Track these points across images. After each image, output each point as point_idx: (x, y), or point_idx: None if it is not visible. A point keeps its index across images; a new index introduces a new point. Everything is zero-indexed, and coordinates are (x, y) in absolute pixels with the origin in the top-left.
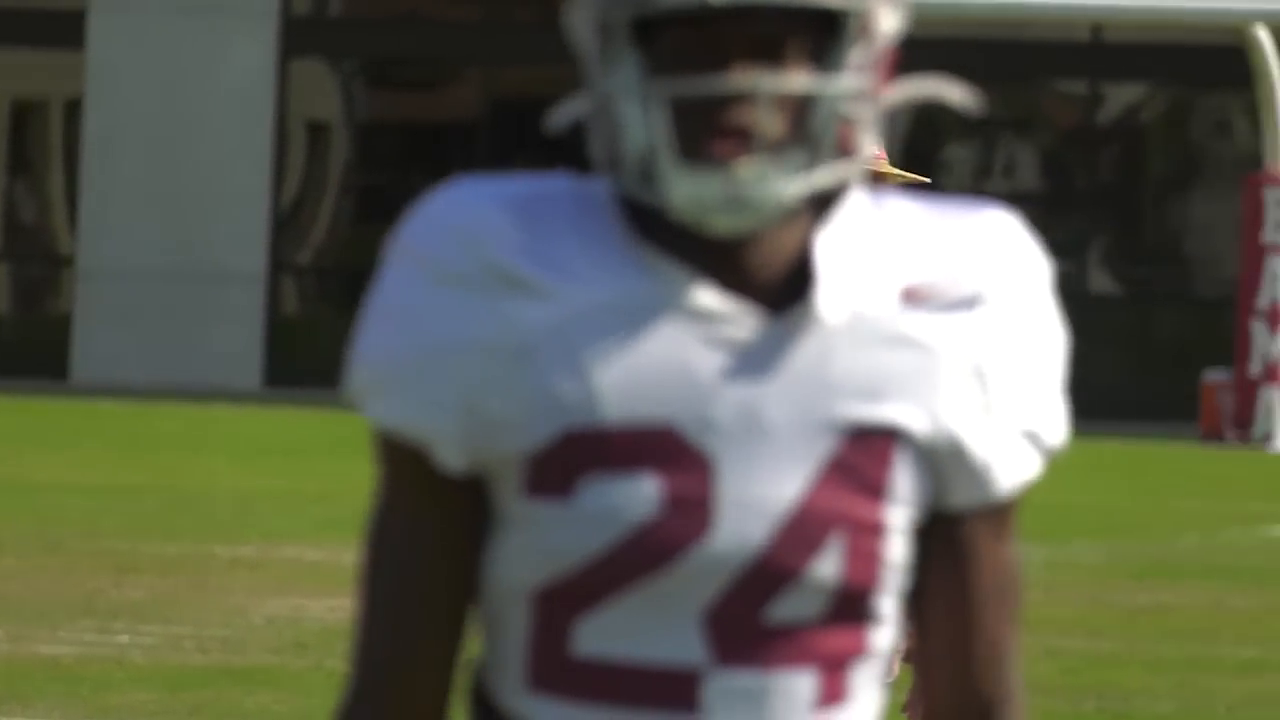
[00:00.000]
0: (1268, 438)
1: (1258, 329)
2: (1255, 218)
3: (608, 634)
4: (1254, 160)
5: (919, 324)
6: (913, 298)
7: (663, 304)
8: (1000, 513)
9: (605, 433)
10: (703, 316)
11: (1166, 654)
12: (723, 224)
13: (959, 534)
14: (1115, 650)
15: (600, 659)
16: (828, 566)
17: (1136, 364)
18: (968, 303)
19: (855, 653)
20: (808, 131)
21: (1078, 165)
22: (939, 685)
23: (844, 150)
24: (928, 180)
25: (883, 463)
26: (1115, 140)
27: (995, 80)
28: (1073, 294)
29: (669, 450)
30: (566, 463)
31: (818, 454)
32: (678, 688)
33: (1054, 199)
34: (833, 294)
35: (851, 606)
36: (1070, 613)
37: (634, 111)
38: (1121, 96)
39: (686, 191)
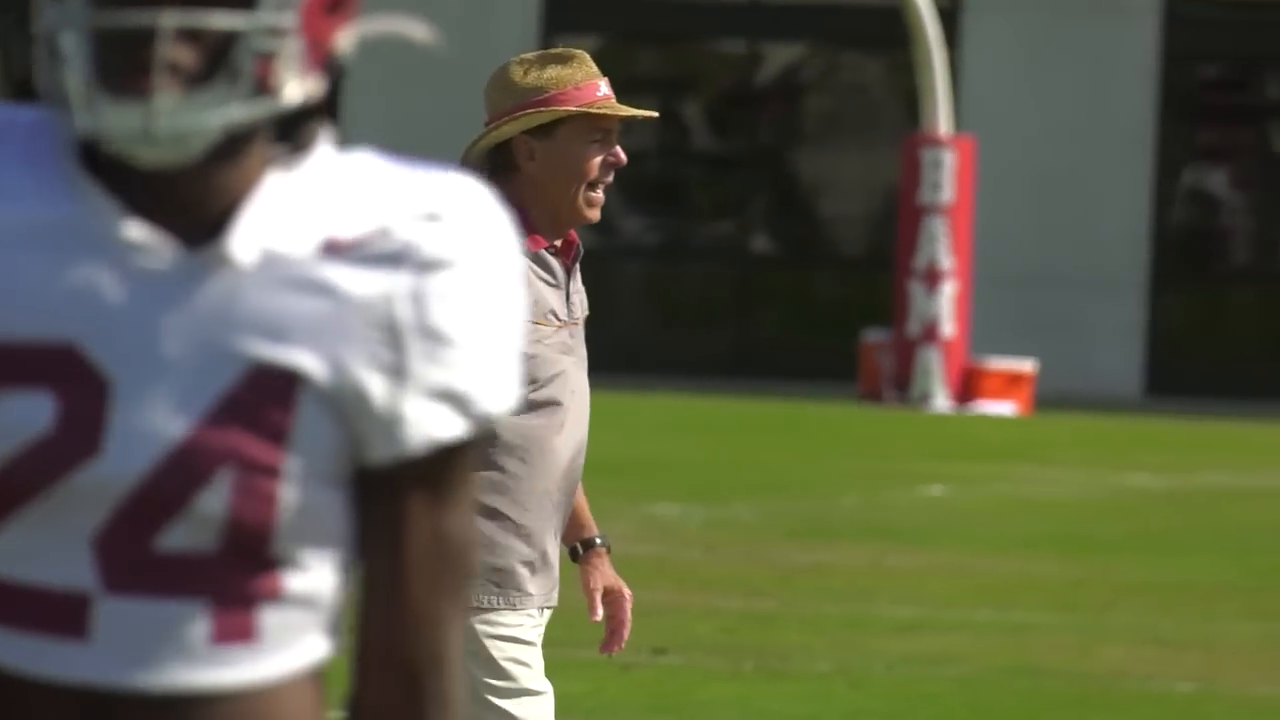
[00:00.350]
0: (926, 398)
1: (916, 290)
2: (912, 179)
3: (10, 554)
4: (911, 121)
5: (334, 273)
6: (334, 248)
7: (84, 230)
8: (434, 477)
9: (11, 347)
10: (122, 245)
11: (825, 613)
12: (145, 156)
13: (385, 493)
14: (774, 609)
15: (5, 580)
16: (214, 501)
17: (796, 324)
18: (392, 259)
19: (264, 594)
20: (225, 66)
21: (737, 125)
22: (367, 642)
23: (265, 87)
24: (655, 114)
25: (282, 405)
26: (774, 100)
27: (655, 40)
28: (734, 255)
29: (69, 371)
30: None
31: (215, 389)
32: (68, 612)
33: (714, 159)
34: (247, 234)
35: (248, 546)
36: (728, 572)
37: (69, 43)
38: (780, 57)
39: (107, 123)
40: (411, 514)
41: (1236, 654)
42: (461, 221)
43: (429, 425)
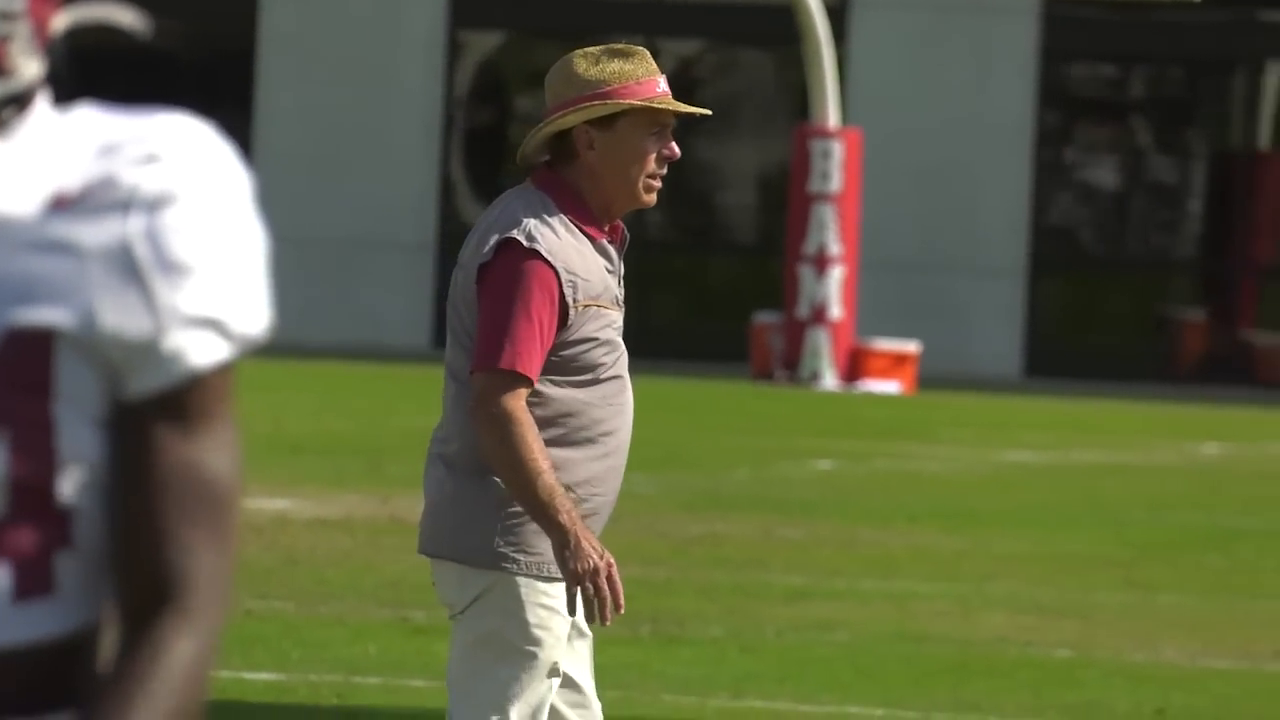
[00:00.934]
0: (815, 377)
1: (805, 273)
2: (803, 168)
3: None
4: (801, 113)
5: (67, 227)
6: (63, 202)
7: None
8: (183, 406)
9: None
10: None
11: (718, 581)
12: None
13: (135, 421)
14: (669, 578)
15: None
16: None
17: (691, 307)
18: (120, 205)
19: (55, 546)
20: None
21: None
22: (117, 561)
23: (2, 68)
24: (708, 112)
25: (42, 361)
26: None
27: (557, 35)
28: (631, 240)
29: None
30: None
31: None
32: None
33: None
34: None
35: (34, 501)
36: (625, 542)
37: None
38: (676, 52)
39: None
40: (161, 443)
41: (1110, 622)
42: (181, 157)
43: (190, 354)
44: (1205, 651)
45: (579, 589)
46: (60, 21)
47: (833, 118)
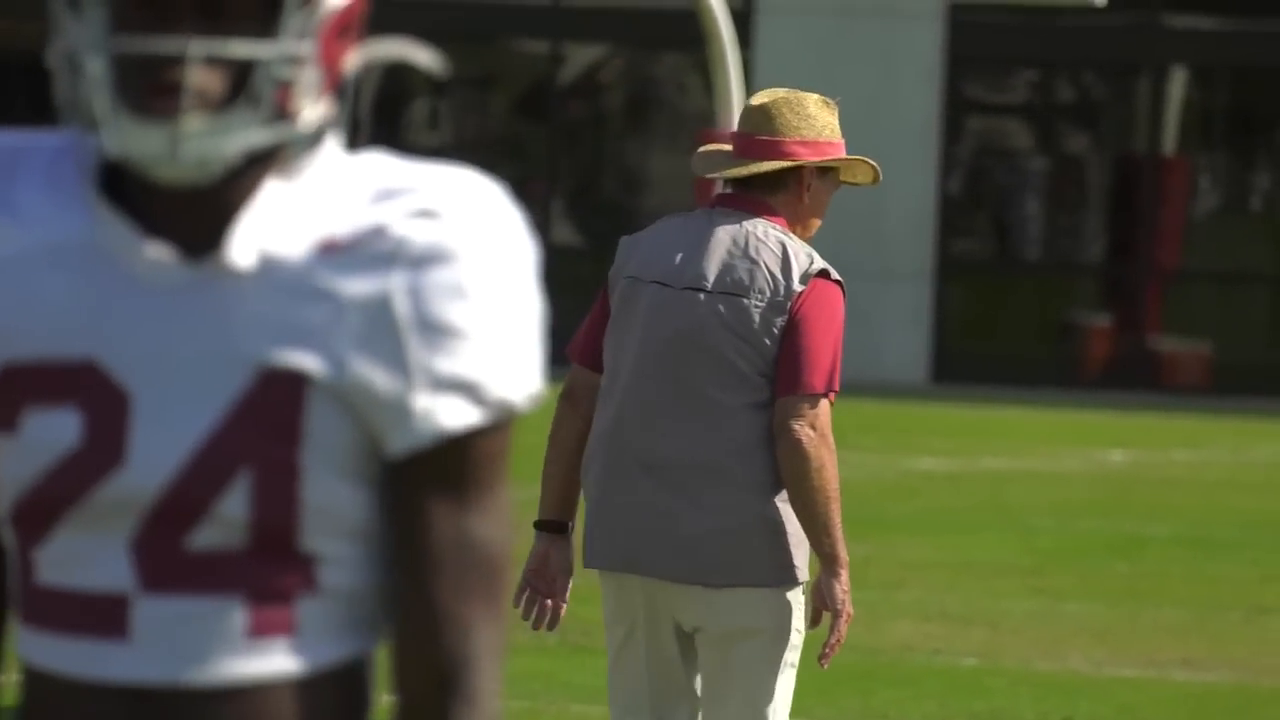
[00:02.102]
0: None
1: None
2: None
3: (55, 563)
4: (706, 118)
5: (332, 274)
6: (331, 248)
7: (100, 249)
8: (453, 474)
9: (41, 367)
10: (135, 262)
11: None
12: (165, 175)
13: (405, 489)
14: (576, 587)
15: (53, 587)
16: (237, 502)
17: None
18: (386, 257)
19: (298, 588)
20: (247, 92)
21: (539, 122)
22: (397, 640)
23: (283, 112)
24: (874, 165)
25: (292, 406)
26: (576, 98)
27: (462, 40)
28: (536, 244)
29: (92, 385)
30: (9, 395)
31: (229, 394)
32: (109, 613)
33: (516, 154)
34: (245, 242)
35: (276, 542)
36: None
37: (92, 65)
38: (582, 57)
39: (129, 144)
40: (431, 512)
41: (1017, 630)
42: (456, 215)
43: (439, 416)
44: (1111, 659)
45: (834, 618)
46: (354, 61)
47: (737, 122)
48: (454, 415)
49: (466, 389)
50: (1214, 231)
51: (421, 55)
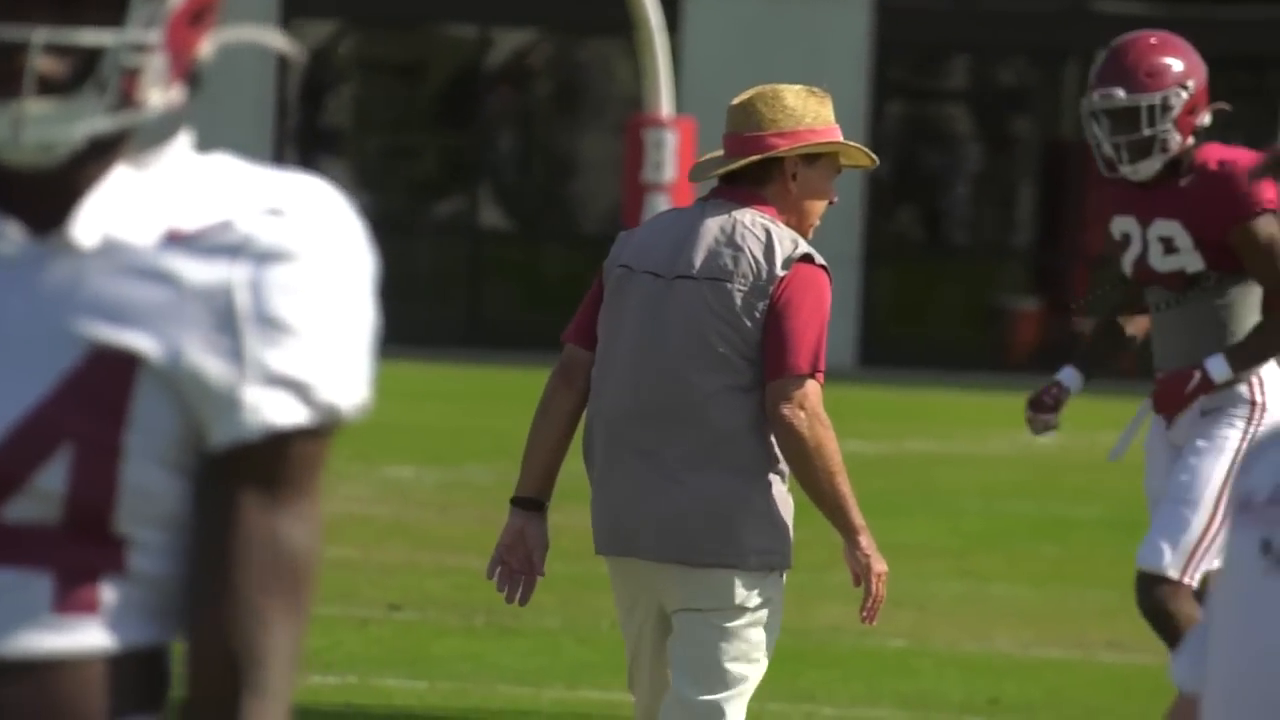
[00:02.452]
0: None
1: None
2: (636, 158)
3: None
4: (635, 103)
5: (175, 261)
6: (176, 237)
7: None
8: (271, 472)
9: None
10: None
11: (554, 572)
12: (9, 158)
13: (221, 481)
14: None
15: None
16: (54, 477)
17: (526, 297)
18: (232, 249)
19: (105, 569)
20: (94, 79)
21: (469, 107)
22: (194, 631)
23: (129, 99)
24: (875, 160)
25: (121, 387)
26: (504, 83)
27: (390, 24)
28: (465, 229)
29: None
30: None
31: (56, 369)
32: None
33: (446, 139)
34: (90, 221)
35: (89, 521)
36: (462, 532)
37: None
38: (510, 41)
39: None
40: (244, 508)
41: (945, 612)
42: (304, 217)
43: (266, 411)
44: (1038, 641)
45: (865, 580)
46: (208, 47)
47: (666, 107)
48: (282, 412)
49: (297, 388)
50: None
51: (275, 39)
